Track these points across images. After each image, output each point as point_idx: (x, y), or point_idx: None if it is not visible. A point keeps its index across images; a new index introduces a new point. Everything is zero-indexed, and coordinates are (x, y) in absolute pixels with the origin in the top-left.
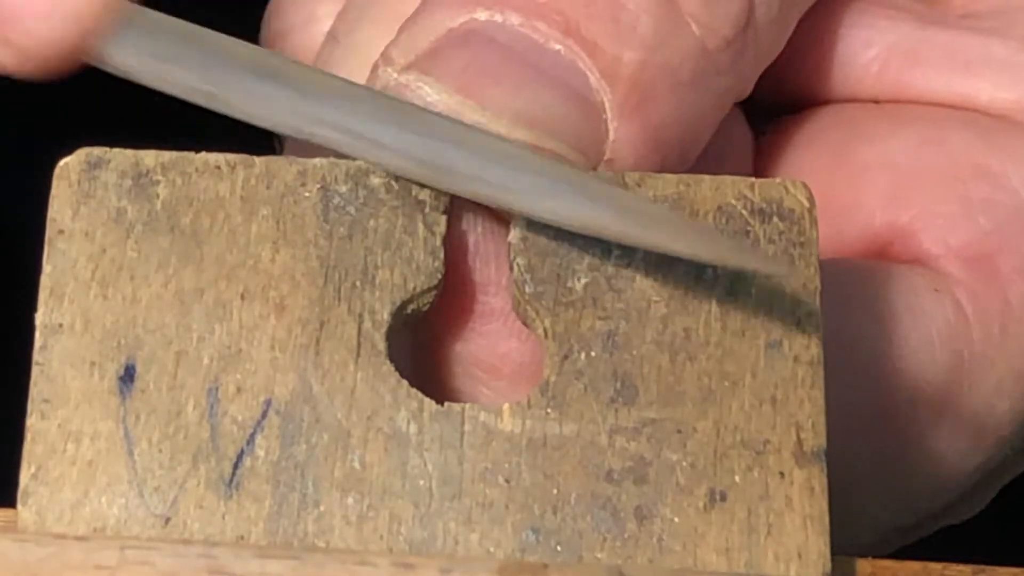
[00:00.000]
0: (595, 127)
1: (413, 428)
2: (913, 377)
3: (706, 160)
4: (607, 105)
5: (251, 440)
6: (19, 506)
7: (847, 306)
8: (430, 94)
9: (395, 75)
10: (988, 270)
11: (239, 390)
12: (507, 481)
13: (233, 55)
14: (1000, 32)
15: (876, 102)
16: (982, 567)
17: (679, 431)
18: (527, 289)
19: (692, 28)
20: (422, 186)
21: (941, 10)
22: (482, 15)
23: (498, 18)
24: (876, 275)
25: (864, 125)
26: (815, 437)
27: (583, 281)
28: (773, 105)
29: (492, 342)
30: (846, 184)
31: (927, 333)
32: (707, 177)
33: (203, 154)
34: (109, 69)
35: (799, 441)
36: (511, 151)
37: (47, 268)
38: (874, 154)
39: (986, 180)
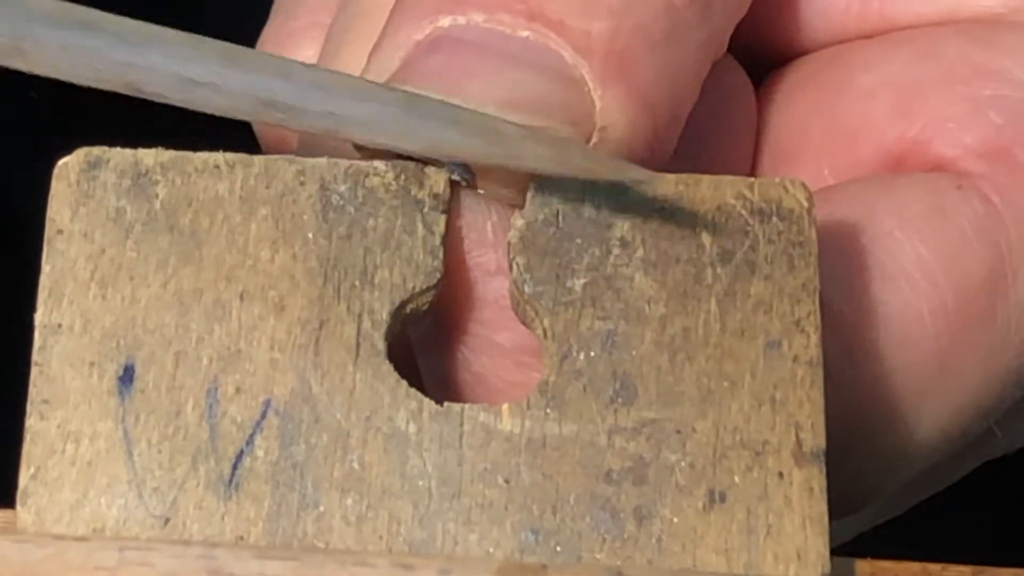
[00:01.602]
0: (580, 99)
1: (412, 428)
2: (958, 274)
3: (711, 118)
4: (587, 77)
5: (250, 440)
6: (18, 507)
7: (872, 220)
8: None
9: None
10: (1008, 161)
11: (238, 390)
12: (506, 481)
13: (39, 6)
14: None
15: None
16: (982, 567)
17: (678, 431)
18: (526, 289)
19: None
20: (421, 186)
21: None
22: (445, 21)
23: (461, 20)
24: (895, 185)
25: (858, 56)
26: (814, 438)
27: (582, 281)
28: (765, 62)
29: None
30: (851, 111)
31: (960, 228)
32: (706, 177)
33: (202, 154)
34: None
35: (798, 442)
36: (343, 80)
37: (46, 268)
38: (873, 78)
39: (989, 78)
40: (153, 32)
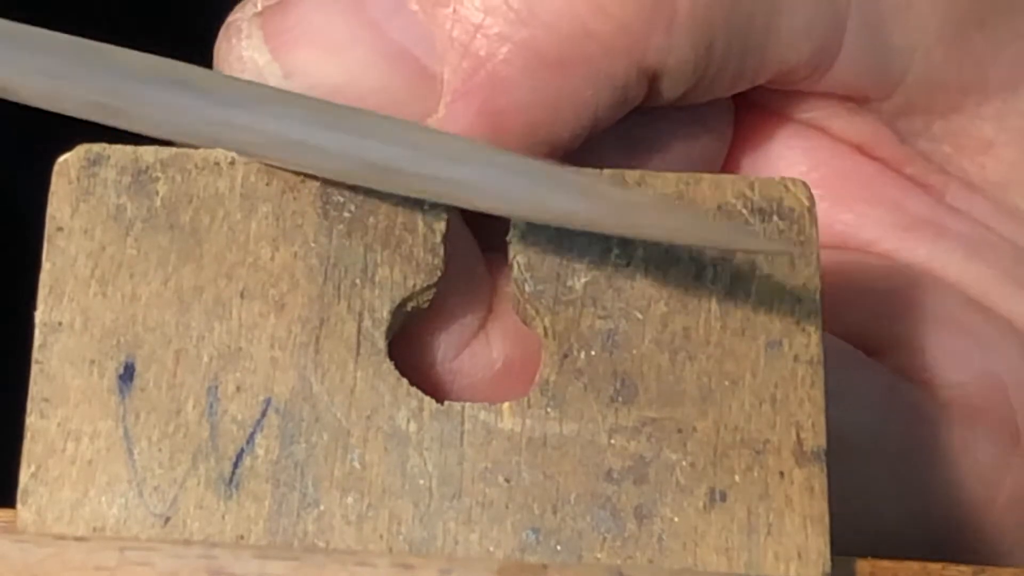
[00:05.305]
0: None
1: (413, 427)
2: None
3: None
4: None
5: (251, 439)
6: (19, 506)
7: None
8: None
9: (244, 18)
10: None
11: (239, 389)
12: (507, 480)
13: (133, 63)
14: None
15: None
16: (982, 567)
17: (679, 430)
18: (527, 288)
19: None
20: None
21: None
22: None
23: None
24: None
25: None
26: (815, 437)
27: (583, 280)
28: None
29: None
30: None
31: None
32: (707, 176)
33: (202, 151)
34: None
35: (799, 441)
36: (464, 145)
37: (46, 266)
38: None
39: None
40: (241, 88)
